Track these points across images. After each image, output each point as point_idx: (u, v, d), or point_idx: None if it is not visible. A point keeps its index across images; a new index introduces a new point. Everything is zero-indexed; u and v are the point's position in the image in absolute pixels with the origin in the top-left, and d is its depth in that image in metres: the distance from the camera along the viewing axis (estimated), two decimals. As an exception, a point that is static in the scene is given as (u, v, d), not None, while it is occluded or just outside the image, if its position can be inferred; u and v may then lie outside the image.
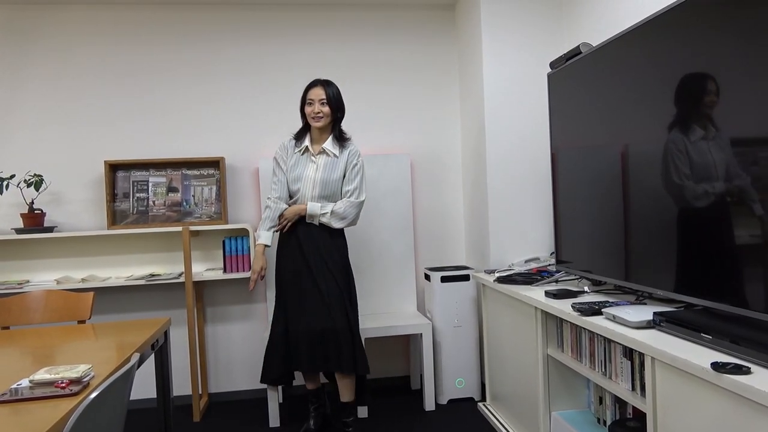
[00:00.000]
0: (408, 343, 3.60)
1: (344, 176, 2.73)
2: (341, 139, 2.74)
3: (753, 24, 1.41)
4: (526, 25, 3.14)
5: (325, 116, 2.68)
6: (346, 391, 2.71)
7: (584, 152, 2.33)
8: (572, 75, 2.40)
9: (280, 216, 2.74)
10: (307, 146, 2.73)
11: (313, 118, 2.68)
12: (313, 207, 2.67)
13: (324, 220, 2.69)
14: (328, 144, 2.71)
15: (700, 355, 1.40)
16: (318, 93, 2.67)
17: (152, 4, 3.38)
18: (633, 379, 1.74)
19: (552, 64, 2.60)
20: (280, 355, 2.70)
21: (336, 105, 2.70)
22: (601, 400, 2.19)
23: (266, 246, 2.74)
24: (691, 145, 1.66)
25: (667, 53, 1.76)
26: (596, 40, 2.76)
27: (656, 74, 1.82)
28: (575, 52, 2.39)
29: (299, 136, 2.77)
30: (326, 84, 2.70)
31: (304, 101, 2.72)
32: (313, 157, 2.72)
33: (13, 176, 3.18)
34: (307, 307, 2.64)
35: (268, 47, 3.47)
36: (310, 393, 2.87)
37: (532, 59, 3.16)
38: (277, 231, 2.76)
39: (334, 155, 2.71)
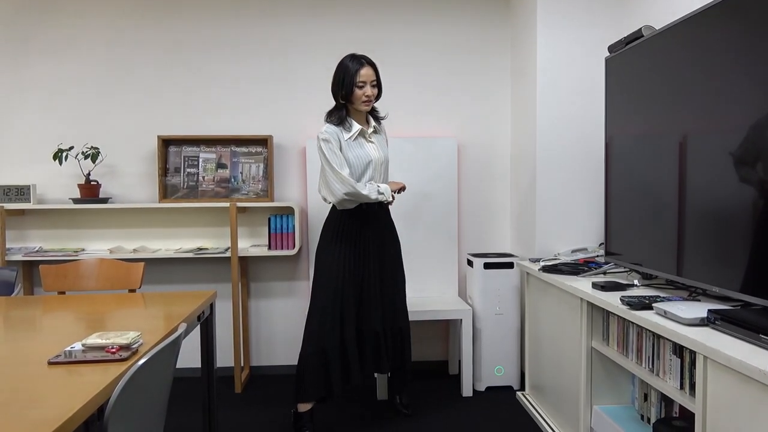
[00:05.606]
0: (448, 328, 3.58)
1: None
2: (379, 115, 2.70)
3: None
4: (583, 7, 3.03)
5: (374, 99, 2.56)
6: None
7: (641, 141, 2.24)
8: (632, 60, 2.30)
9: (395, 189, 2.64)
10: (361, 129, 2.57)
11: (364, 101, 2.51)
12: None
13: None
14: (374, 121, 2.66)
15: (758, 357, 1.33)
16: (369, 74, 2.50)
17: (207, -18, 3.42)
18: (682, 378, 1.68)
19: (610, 48, 2.50)
20: (335, 367, 2.49)
21: (381, 84, 2.58)
22: (645, 397, 2.13)
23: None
24: None
25: (747, 36, 1.66)
26: (660, 22, 2.64)
27: (728, 60, 1.72)
28: (636, 36, 2.28)
29: (341, 122, 2.53)
30: (371, 62, 2.53)
31: (351, 82, 2.48)
32: (370, 138, 2.61)
33: (71, 148, 3.30)
34: (382, 307, 2.63)
35: (317, 26, 3.46)
36: (304, 415, 2.57)
37: (589, 42, 3.04)
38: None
39: (380, 131, 2.69)
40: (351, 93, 2.50)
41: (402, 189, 2.68)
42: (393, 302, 2.67)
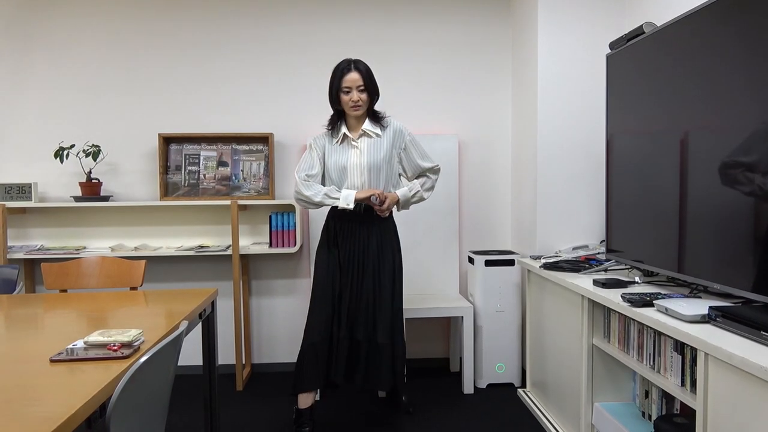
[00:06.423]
0: (449, 326, 3.58)
1: (399, 158, 2.60)
2: (379, 118, 2.57)
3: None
4: (584, 4, 3.02)
5: (364, 103, 2.49)
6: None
7: (642, 138, 2.24)
8: (633, 57, 2.30)
9: (379, 200, 2.46)
10: (344, 134, 2.54)
11: (352, 107, 2.47)
12: (404, 193, 2.57)
13: (415, 199, 2.60)
14: (368, 125, 2.53)
15: (760, 354, 1.33)
16: (355, 79, 2.44)
17: (207, -21, 3.41)
18: (683, 375, 1.68)
19: (611, 45, 2.50)
20: (323, 360, 2.51)
21: (373, 88, 2.50)
22: (647, 394, 2.13)
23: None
24: None
25: (749, 33, 1.65)
26: (661, 19, 2.63)
27: (730, 56, 1.71)
28: (637, 33, 2.28)
29: (332, 126, 2.58)
30: (360, 66, 2.47)
31: (337, 88, 2.47)
32: (354, 143, 2.54)
33: (72, 146, 3.30)
34: (356, 315, 2.52)
35: (317, 25, 3.46)
36: (304, 412, 2.58)
37: (590, 39, 3.04)
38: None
39: (377, 135, 2.54)
40: (338, 99, 2.50)
41: (379, 197, 2.46)
42: (373, 315, 2.53)
